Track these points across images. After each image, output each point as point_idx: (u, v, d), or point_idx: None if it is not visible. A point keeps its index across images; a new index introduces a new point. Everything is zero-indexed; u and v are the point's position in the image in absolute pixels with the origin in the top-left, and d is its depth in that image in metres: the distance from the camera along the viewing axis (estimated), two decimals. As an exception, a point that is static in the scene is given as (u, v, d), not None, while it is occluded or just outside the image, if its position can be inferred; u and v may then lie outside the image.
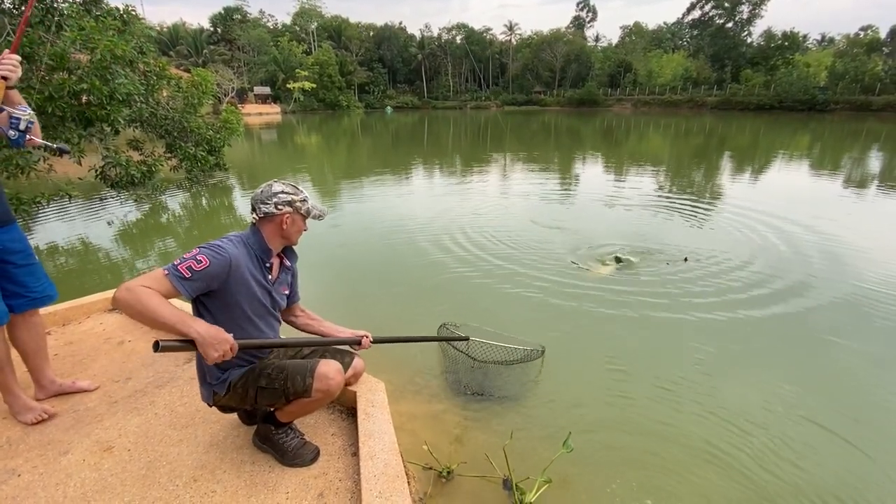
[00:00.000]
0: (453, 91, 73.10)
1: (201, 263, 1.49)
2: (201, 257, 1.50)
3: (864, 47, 45.56)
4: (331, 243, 6.08)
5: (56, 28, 6.92)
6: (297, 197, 1.75)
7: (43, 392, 2.19)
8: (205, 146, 9.71)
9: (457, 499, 2.13)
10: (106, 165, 7.91)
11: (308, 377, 1.65)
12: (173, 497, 1.66)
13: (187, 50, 64.21)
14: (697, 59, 56.86)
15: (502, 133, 27.45)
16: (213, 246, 1.56)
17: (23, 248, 1.99)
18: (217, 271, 1.53)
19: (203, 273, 1.49)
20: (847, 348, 3.47)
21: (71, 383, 2.26)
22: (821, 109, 42.06)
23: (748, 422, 2.66)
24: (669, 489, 2.21)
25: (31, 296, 2.02)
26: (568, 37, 69.26)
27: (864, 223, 7.06)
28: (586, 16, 75.90)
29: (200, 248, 1.54)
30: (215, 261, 1.52)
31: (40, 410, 2.03)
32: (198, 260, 1.49)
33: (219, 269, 1.53)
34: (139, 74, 8.32)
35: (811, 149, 17.60)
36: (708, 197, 8.89)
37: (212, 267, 1.51)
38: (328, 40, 68.05)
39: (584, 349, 3.52)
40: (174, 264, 1.47)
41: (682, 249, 5.55)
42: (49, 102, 6.48)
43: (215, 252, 1.54)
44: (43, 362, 2.16)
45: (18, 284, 1.97)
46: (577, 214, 7.67)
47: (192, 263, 1.48)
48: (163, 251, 6.04)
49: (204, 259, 1.50)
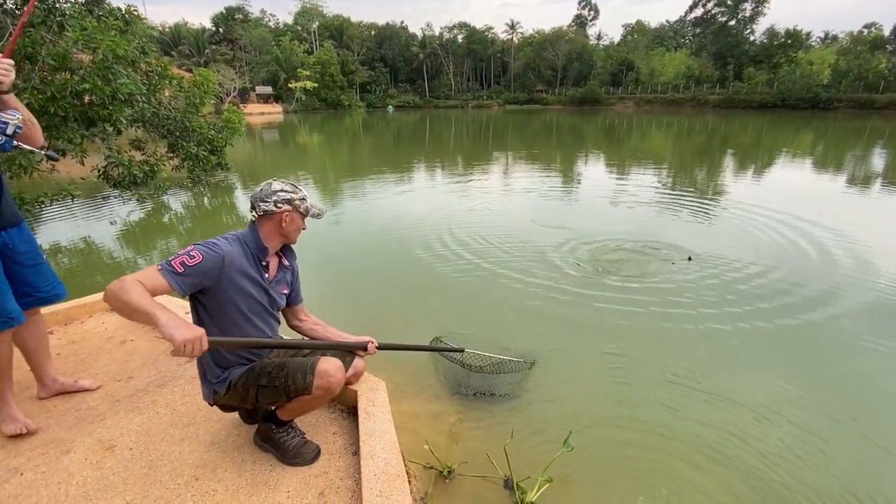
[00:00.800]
0: (455, 90, 73.01)
1: (194, 259, 1.50)
2: (194, 252, 1.51)
3: (868, 45, 45.36)
4: (330, 241, 6.08)
5: (58, 28, 6.94)
6: (296, 195, 1.75)
7: (45, 390, 2.19)
8: (207, 146, 9.73)
9: (457, 498, 2.13)
10: (108, 165, 7.94)
11: (308, 374, 1.65)
12: (175, 496, 1.67)
13: (189, 50, 64.33)
14: (700, 58, 56.69)
15: (504, 132, 27.43)
16: (207, 243, 1.58)
17: (31, 249, 2.00)
18: (209, 266, 1.54)
19: (195, 268, 1.50)
20: (862, 347, 3.45)
21: (73, 382, 2.27)
22: (824, 107, 41.89)
23: (753, 421, 2.65)
24: (672, 488, 2.21)
25: (39, 295, 2.03)
26: (570, 35, 69.08)
27: (870, 220, 7.03)
28: (588, 14, 75.77)
29: (195, 245, 1.55)
30: (208, 256, 1.53)
31: (23, 424, 1.95)
32: (191, 255, 1.50)
33: (211, 264, 1.54)
34: (141, 74, 8.33)
35: (814, 147, 17.53)
36: (712, 195, 8.87)
37: (204, 262, 1.52)
38: (330, 40, 68.07)
39: (585, 349, 3.51)
40: (168, 260, 1.48)
41: (686, 249, 5.52)
42: (51, 102, 6.50)
43: (209, 248, 1.56)
44: (45, 360, 2.17)
45: (27, 284, 1.97)
46: (581, 213, 7.66)
47: (185, 258, 1.49)
48: (165, 250, 6.06)
49: (197, 254, 1.51)
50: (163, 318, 1.31)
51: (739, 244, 5.76)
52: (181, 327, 1.32)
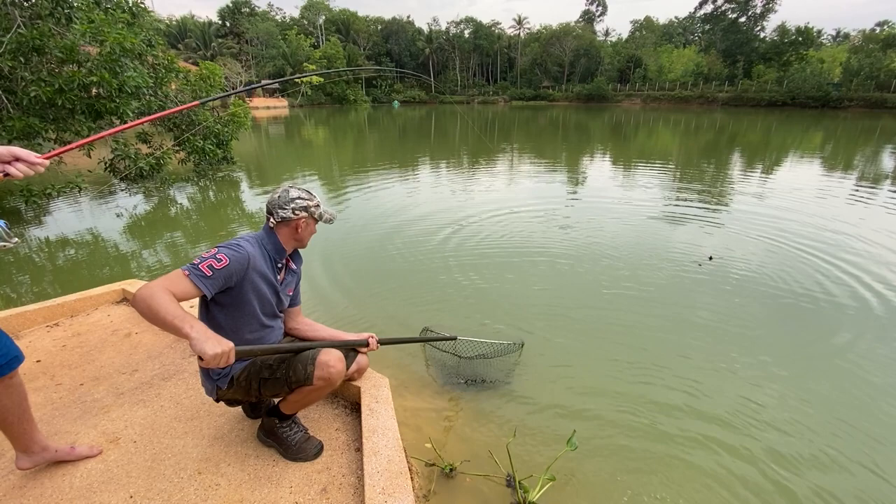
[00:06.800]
0: (461, 85, 72.69)
1: (221, 262, 1.54)
2: (221, 256, 1.55)
3: (880, 43, 44.55)
4: (330, 239, 6.08)
5: (66, 21, 6.96)
6: (311, 203, 1.81)
7: (29, 460, 1.69)
8: (213, 139, 9.76)
9: (460, 496, 2.12)
10: (115, 158, 7.98)
11: (309, 365, 1.67)
12: (178, 489, 1.67)
13: (196, 43, 64.42)
14: (709, 55, 56.06)
15: (510, 127, 27.30)
16: (231, 245, 1.62)
17: None
18: (236, 268, 1.59)
19: (224, 271, 1.55)
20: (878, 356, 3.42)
21: (69, 449, 1.78)
22: (834, 106, 41.37)
23: (760, 421, 2.63)
24: (675, 488, 2.19)
25: None
26: (577, 31, 68.46)
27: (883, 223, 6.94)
28: (596, 10, 75.11)
29: (219, 248, 1.59)
30: (234, 258, 1.58)
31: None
32: (218, 258, 1.54)
33: (237, 266, 1.59)
34: (148, 67, 8.36)
35: (823, 146, 17.33)
36: (726, 195, 8.78)
37: (232, 264, 1.56)
38: (336, 34, 67.95)
39: (591, 348, 3.50)
40: (194, 264, 1.51)
41: (705, 250, 5.47)
42: (59, 95, 6.53)
43: (234, 250, 1.60)
44: (29, 426, 1.67)
45: None
46: (581, 214, 7.60)
47: (213, 262, 1.53)
48: (171, 244, 6.08)
49: (223, 257, 1.55)
50: (193, 333, 1.31)
51: (748, 246, 5.71)
52: (211, 340, 1.32)
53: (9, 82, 6.53)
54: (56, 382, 2.33)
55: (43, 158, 1.39)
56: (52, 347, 2.67)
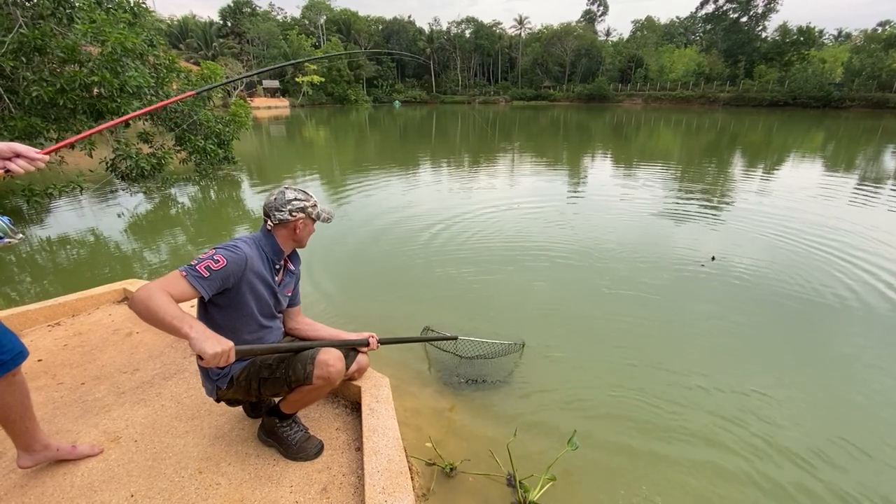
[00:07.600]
0: (462, 85, 72.67)
1: (219, 263, 1.53)
2: (218, 257, 1.54)
3: (882, 43, 44.43)
4: (332, 238, 6.09)
5: (67, 20, 6.97)
6: (308, 203, 1.80)
7: (30, 458, 1.70)
8: (214, 139, 9.76)
9: (460, 495, 2.12)
10: (116, 158, 7.98)
11: (309, 364, 1.67)
12: (178, 488, 1.67)
13: (197, 43, 64.43)
14: (710, 54, 56.01)
15: (511, 127, 27.28)
16: (228, 246, 1.62)
17: None
18: (233, 269, 1.58)
19: (221, 272, 1.54)
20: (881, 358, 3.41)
21: (70, 448, 1.79)
22: (836, 106, 41.32)
23: (763, 423, 2.63)
24: (676, 488, 2.19)
25: (3, 357, 1.55)
26: (578, 31, 68.47)
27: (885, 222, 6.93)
28: (597, 10, 75.05)
29: (217, 249, 1.58)
30: (232, 259, 1.57)
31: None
32: (215, 259, 1.53)
33: (235, 267, 1.58)
34: (149, 67, 8.37)
35: (825, 146, 17.29)
36: (727, 195, 8.77)
37: (229, 265, 1.56)
38: (337, 34, 67.97)
39: (592, 348, 3.49)
40: (192, 265, 1.50)
41: (707, 249, 5.46)
42: (60, 94, 6.54)
43: (231, 251, 1.59)
44: (31, 424, 1.68)
45: None
46: (583, 213, 7.60)
47: (210, 263, 1.52)
48: (172, 243, 6.08)
49: (221, 259, 1.55)
50: (192, 332, 1.31)
51: (751, 245, 5.70)
52: (210, 340, 1.32)
53: (11, 82, 6.55)
54: (57, 381, 2.33)
55: (43, 154, 1.39)
56: (54, 347, 2.67)
